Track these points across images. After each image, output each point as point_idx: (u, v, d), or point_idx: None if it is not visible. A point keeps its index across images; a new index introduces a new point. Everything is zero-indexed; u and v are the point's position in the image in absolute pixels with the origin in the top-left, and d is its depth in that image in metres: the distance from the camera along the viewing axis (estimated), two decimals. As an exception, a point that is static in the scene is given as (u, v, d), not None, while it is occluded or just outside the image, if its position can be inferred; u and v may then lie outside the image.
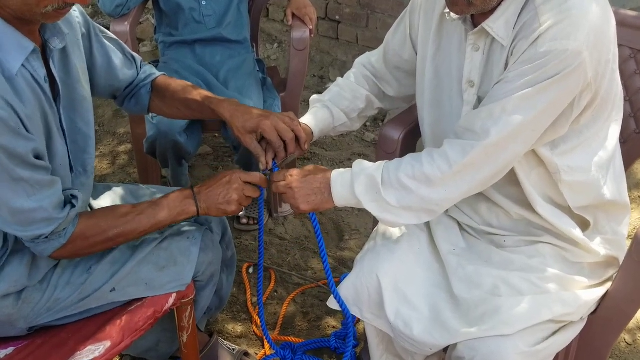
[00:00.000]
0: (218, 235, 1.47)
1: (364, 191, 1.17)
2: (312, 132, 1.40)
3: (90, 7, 4.24)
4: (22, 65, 1.03)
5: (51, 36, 1.11)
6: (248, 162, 2.11)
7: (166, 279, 1.28)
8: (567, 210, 1.22)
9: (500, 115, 1.07)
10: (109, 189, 1.47)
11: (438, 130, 1.30)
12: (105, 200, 1.42)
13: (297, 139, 1.30)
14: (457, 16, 1.15)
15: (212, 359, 1.67)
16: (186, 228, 1.37)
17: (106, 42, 1.32)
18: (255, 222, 2.30)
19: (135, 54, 1.43)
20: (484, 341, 1.10)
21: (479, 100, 1.19)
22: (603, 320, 1.21)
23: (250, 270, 2.11)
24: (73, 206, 1.12)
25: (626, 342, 1.83)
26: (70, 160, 1.19)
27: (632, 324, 1.88)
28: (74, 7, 1.22)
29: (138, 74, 1.42)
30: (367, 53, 1.50)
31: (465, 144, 1.11)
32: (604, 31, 1.06)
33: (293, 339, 1.82)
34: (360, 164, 1.21)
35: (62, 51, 1.17)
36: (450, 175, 1.12)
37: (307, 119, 1.40)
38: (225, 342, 1.73)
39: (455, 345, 1.14)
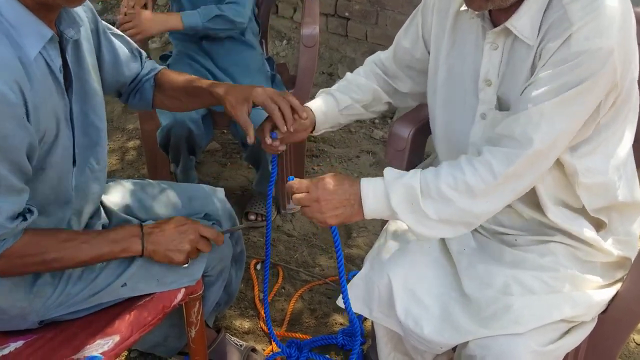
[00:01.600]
0: (240, 246, 1.48)
1: (401, 202, 1.10)
2: (315, 116, 1.37)
3: (100, 3, 4.26)
4: (39, 52, 1.03)
5: (66, 27, 1.11)
6: (257, 159, 2.12)
7: (177, 274, 1.29)
8: (581, 212, 1.21)
9: (539, 120, 1.04)
10: (119, 184, 1.47)
11: (450, 129, 1.29)
12: (115, 196, 1.43)
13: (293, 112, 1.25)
14: (476, 12, 1.14)
15: (220, 354, 1.67)
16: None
17: (113, 38, 1.33)
18: (264, 218, 2.30)
19: (140, 49, 1.44)
20: (496, 340, 1.09)
21: (500, 100, 1.17)
22: (613, 320, 1.20)
23: (258, 267, 2.11)
24: (25, 219, 1.07)
25: (635, 342, 1.82)
26: (74, 154, 1.18)
27: (641, 324, 1.87)
28: (83, 4, 1.23)
29: (142, 69, 1.43)
30: (378, 52, 1.49)
31: (509, 153, 1.06)
32: (628, 28, 1.04)
33: (300, 335, 1.83)
34: (392, 172, 1.14)
35: (75, 43, 1.17)
36: (494, 186, 1.08)
37: (310, 103, 1.39)
38: (233, 338, 1.73)
39: (465, 343, 1.14)
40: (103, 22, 1.32)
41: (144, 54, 1.45)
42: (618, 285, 1.21)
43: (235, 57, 2.14)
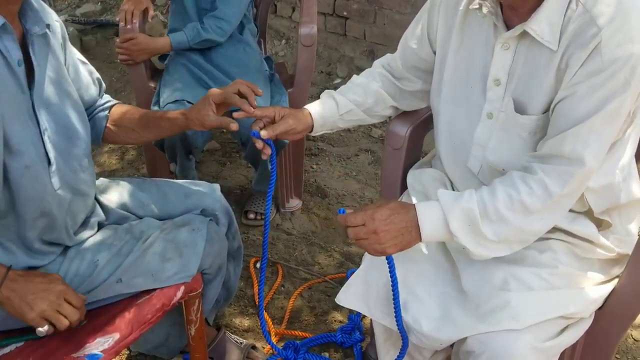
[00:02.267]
0: (224, 227, 1.48)
1: (460, 226, 1.09)
2: (313, 119, 1.37)
3: (99, 3, 4.27)
4: None
5: (32, 24, 1.12)
6: (256, 158, 2.12)
7: (172, 270, 1.29)
8: (585, 214, 1.22)
9: (587, 137, 1.04)
10: (116, 182, 1.48)
11: (454, 126, 1.29)
12: (113, 194, 1.44)
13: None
14: (487, 10, 1.13)
15: (220, 352, 1.68)
16: (191, 219, 1.38)
17: (76, 59, 1.34)
18: (263, 217, 2.30)
19: (101, 79, 1.43)
20: (494, 335, 1.10)
21: (516, 102, 1.15)
22: (610, 316, 1.21)
23: (258, 265, 2.12)
24: None
25: (633, 338, 1.83)
26: (46, 151, 1.16)
27: (638, 319, 1.88)
28: (55, 17, 1.25)
29: (100, 98, 1.43)
30: (387, 54, 1.48)
31: (562, 172, 1.06)
32: None
33: (300, 333, 1.83)
34: (447, 196, 1.12)
35: (45, 42, 1.17)
36: (550, 205, 1.08)
37: (309, 106, 1.39)
38: (233, 336, 1.74)
39: (464, 339, 1.14)
40: (71, 46, 1.32)
41: (103, 85, 1.45)
42: (615, 282, 1.22)
43: (234, 57, 2.14)
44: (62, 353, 1.17)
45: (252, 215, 2.31)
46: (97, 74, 1.41)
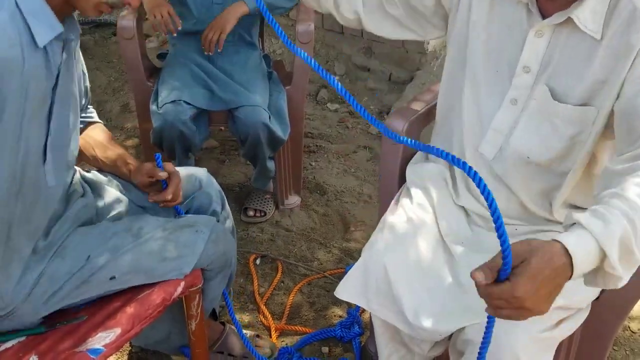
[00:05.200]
0: (218, 208, 1.50)
1: (619, 256, 0.90)
2: None
3: (96, 3, 4.28)
4: (46, 44, 1.06)
5: (69, 31, 1.14)
6: (255, 156, 2.13)
7: (167, 268, 1.30)
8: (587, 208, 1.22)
9: None
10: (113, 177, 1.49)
11: (471, 109, 1.26)
12: (109, 189, 1.45)
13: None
14: None
15: (228, 346, 1.71)
16: (197, 220, 1.39)
17: (82, 64, 1.35)
18: (262, 214, 2.32)
19: (89, 91, 1.44)
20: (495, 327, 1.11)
21: (553, 91, 1.14)
22: (606, 307, 1.23)
23: (258, 262, 2.13)
24: None
25: (631, 330, 1.84)
26: (45, 150, 1.17)
27: (637, 312, 1.89)
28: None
29: (83, 108, 1.43)
30: None
31: None
32: None
33: (299, 328, 1.85)
34: (596, 224, 0.90)
35: (73, 47, 1.20)
36: None
37: None
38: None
39: (462, 328, 1.15)
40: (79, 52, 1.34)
41: (89, 95, 1.46)
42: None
43: (234, 55, 2.15)
44: (63, 348, 1.19)
45: (251, 213, 2.32)
46: (88, 85, 1.42)
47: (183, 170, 1.51)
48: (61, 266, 1.25)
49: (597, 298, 1.23)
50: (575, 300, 1.16)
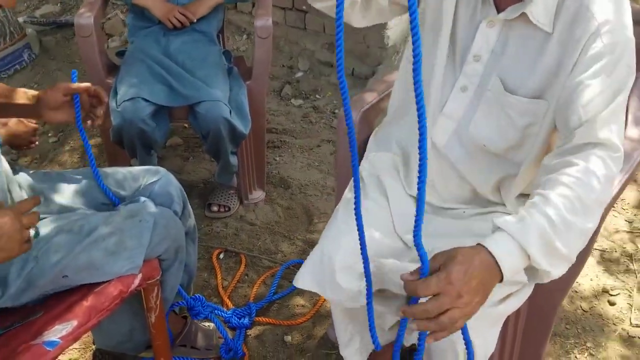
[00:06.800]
0: (179, 206, 1.49)
1: (538, 249, 0.99)
2: None
3: (59, 4, 4.22)
4: None
5: None
6: (217, 151, 2.15)
7: (118, 263, 1.29)
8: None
9: (612, 120, 1.05)
10: (59, 175, 1.48)
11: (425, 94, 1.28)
12: (54, 187, 1.43)
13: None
14: None
15: (190, 339, 1.73)
16: (139, 210, 1.37)
17: None
18: (227, 209, 2.34)
19: None
20: None
21: (504, 82, 1.17)
22: (549, 284, 1.28)
23: (221, 256, 2.15)
24: None
25: (582, 309, 1.91)
26: None
27: (588, 291, 1.97)
28: None
29: None
30: None
31: (603, 156, 1.04)
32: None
33: (262, 319, 1.87)
34: (510, 223, 1.00)
35: None
36: (601, 192, 1.04)
37: None
38: (201, 323, 1.78)
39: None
40: None
41: None
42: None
43: (193, 51, 2.16)
44: (20, 341, 1.19)
45: (215, 208, 2.33)
46: None
47: (142, 171, 1.51)
48: (8, 266, 1.23)
49: (541, 275, 1.28)
50: (518, 276, 1.20)
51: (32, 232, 1.12)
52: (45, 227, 1.31)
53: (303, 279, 1.34)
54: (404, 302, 1.25)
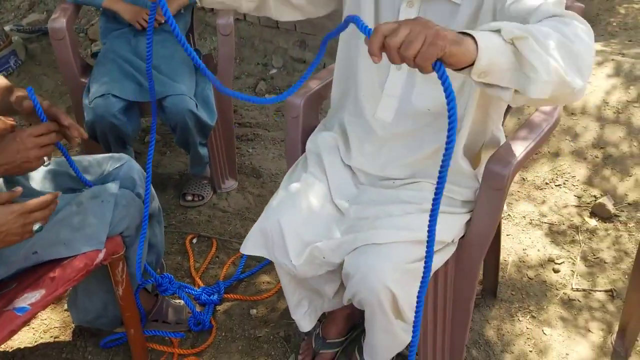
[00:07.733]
0: (141, 189, 1.61)
1: (512, 30, 0.95)
2: None
3: (45, 13, 4.36)
4: None
5: None
6: (186, 143, 2.29)
7: (82, 239, 1.43)
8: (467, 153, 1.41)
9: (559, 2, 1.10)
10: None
11: (363, 78, 1.42)
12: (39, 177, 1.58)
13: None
14: None
15: (162, 314, 1.88)
16: (102, 191, 1.51)
17: None
18: (200, 198, 2.48)
19: None
20: (363, 258, 1.29)
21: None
22: (470, 243, 1.42)
23: (194, 241, 2.29)
24: None
25: (528, 276, 2.05)
26: None
27: (535, 261, 2.10)
28: None
29: None
30: None
31: (573, 17, 1.06)
32: None
33: (232, 295, 2.01)
34: (493, 24, 0.99)
35: None
36: (585, 34, 1.03)
37: None
38: (172, 301, 1.92)
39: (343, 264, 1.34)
40: None
41: None
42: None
43: (160, 50, 2.29)
44: (-7, 308, 1.33)
45: (189, 197, 2.48)
46: None
47: (106, 159, 1.65)
48: None
49: (463, 237, 1.42)
50: (441, 235, 1.34)
51: (36, 226, 1.24)
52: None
53: (250, 246, 1.46)
54: (339, 272, 1.39)
